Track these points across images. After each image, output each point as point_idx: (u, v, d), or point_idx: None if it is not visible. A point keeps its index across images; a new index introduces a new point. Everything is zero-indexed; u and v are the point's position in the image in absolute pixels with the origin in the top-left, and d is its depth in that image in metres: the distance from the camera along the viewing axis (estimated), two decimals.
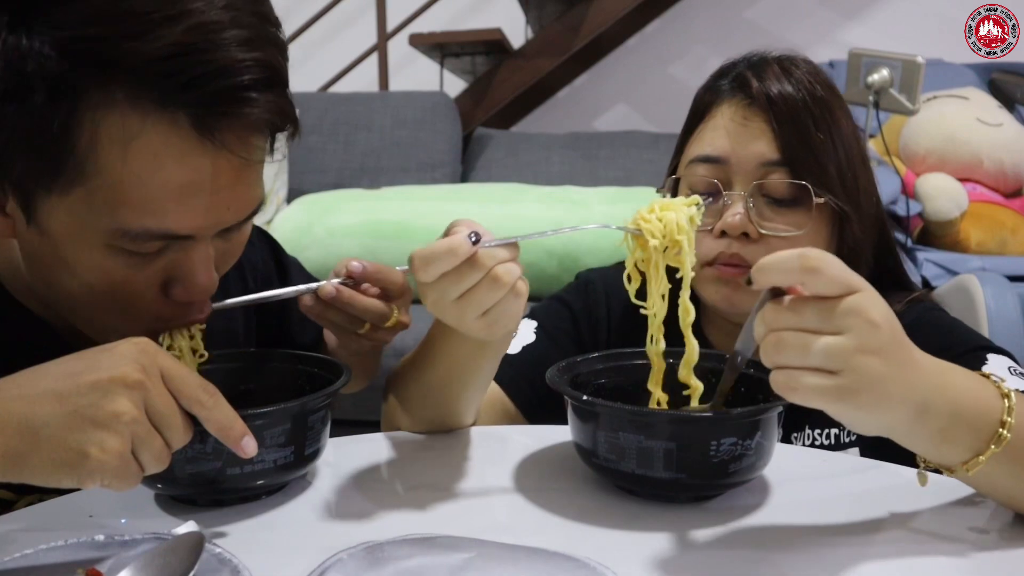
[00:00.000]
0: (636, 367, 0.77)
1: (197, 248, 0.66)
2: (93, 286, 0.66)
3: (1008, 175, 2.20)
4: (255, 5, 0.63)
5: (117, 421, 0.53)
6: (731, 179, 0.89)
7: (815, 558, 0.60)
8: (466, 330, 0.67)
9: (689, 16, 3.35)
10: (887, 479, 0.73)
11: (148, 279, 0.66)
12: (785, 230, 0.87)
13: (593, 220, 2.25)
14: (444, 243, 0.62)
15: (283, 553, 0.60)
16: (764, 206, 0.88)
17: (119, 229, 0.62)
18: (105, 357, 0.56)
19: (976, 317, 1.74)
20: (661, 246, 0.68)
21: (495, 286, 0.64)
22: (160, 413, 0.56)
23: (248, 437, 0.59)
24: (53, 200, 0.62)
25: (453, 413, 0.82)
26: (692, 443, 0.64)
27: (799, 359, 0.54)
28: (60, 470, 0.53)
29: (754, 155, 0.88)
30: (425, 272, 0.62)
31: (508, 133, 3.03)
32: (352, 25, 3.43)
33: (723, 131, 0.90)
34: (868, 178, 0.93)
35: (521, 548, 0.57)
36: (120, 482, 0.55)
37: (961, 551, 0.61)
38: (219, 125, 0.61)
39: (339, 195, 2.40)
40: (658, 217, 0.69)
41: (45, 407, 0.54)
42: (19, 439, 0.53)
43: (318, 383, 0.74)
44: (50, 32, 0.57)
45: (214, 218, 0.65)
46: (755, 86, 0.89)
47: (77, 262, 0.64)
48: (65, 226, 0.63)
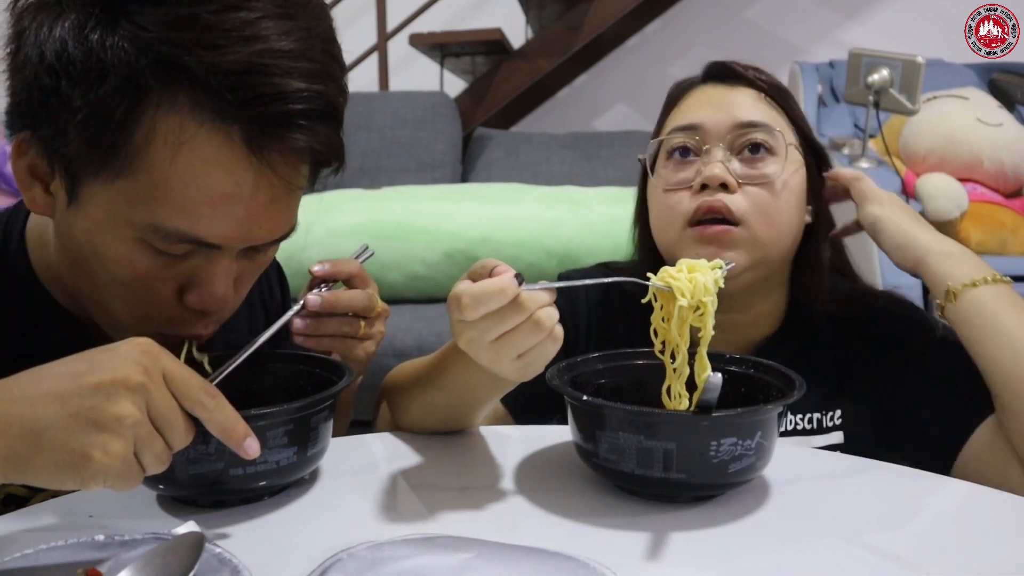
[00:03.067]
0: (636, 367, 0.77)
1: (221, 260, 0.68)
2: (116, 277, 0.68)
3: (1008, 175, 2.20)
4: (326, 44, 0.67)
5: (120, 424, 0.53)
6: (707, 141, 0.93)
7: (815, 558, 0.60)
8: (498, 370, 0.66)
9: (689, 16, 3.35)
10: (887, 479, 0.73)
11: (169, 280, 0.68)
12: (761, 179, 0.91)
13: (593, 219, 2.25)
14: (494, 283, 0.61)
15: (283, 553, 0.60)
16: (739, 162, 0.92)
17: (152, 225, 0.64)
18: (108, 358, 0.56)
19: None
20: (690, 306, 0.70)
21: (536, 330, 0.64)
22: (162, 415, 0.56)
23: (251, 438, 0.59)
24: (97, 186, 0.64)
25: (456, 427, 0.84)
26: (692, 443, 0.64)
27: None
28: (62, 472, 0.53)
29: (728, 119, 0.93)
30: (474, 311, 0.61)
31: (508, 133, 3.03)
32: (352, 25, 3.43)
33: (696, 106, 0.96)
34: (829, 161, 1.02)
35: (521, 548, 0.57)
36: (122, 484, 0.55)
37: (961, 551, 0.61)
38: (269, 145, 0.63)
39: (339, 195, 2.39)
40: (688, 278, 0.70)
41: (47, 409, 0.54)
42: (21, 441, 0.53)
43: (320, 384, 0.74)
44: (132, 31, 0.60)
45: (245, 232, 0.67)
46: (734, 67, 0.96)
47: (107, 251, 0.67)
48: (103, 213, 0.65)
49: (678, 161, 0.94)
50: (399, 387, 0.87)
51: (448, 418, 0.83)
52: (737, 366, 0.76)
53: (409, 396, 0.84)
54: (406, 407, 0.84)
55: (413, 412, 0.84)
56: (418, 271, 2.23)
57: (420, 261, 2.22)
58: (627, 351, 0.78)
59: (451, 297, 0.64)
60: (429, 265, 2.22)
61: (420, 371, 0.84)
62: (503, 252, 2.14)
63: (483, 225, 2.21)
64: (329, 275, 0.81)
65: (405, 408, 0.85)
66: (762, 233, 0.90)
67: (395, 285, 2.24)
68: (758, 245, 0.90)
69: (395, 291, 2.25)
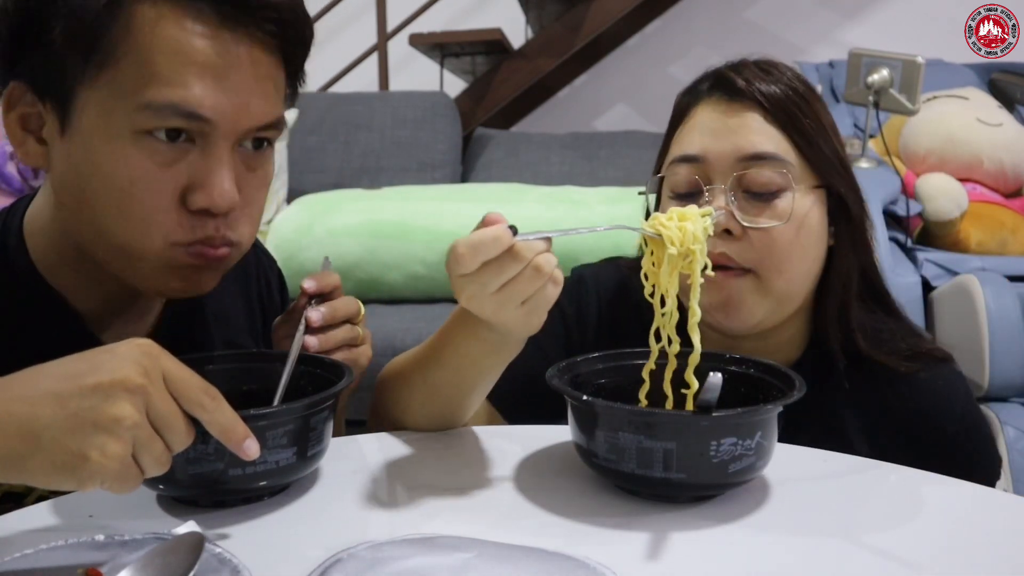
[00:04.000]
0: (636, 367, 0.77)
1: (219, 152, 0.70)
2: (115, 186, 0.68)
3: (1008, 175, 2.20)
4: None
5: (118, 425, 0.53)
6: (710, 177, 0.87)
7: (815, 558, 0.60)
8: (502, 320, 0.67)
9: (689, 16, 3.35)
10: (887, 479, 0.73)
11: (168, 181, 0.69)
12: (767, 223, 0.85)
13: (593, 220, 2.25)
14: (488, 231, 0.62)
15: (283, 553, 0.60)
16: (745, 201, 0.86)
17: (144, 104, 0.66)
18: (107, 359, 0.56)
19: (976, 317, 1.74)
20: (680, 253, 0.70)
21: (536, 275, 0.65)
22: (161, 416, 0.55)
23: (250, 439, 0.59)
24: (87, 94, 0.67)
25: (457, 411, 0.82)
26: (692, 443, 0.64)
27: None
28: (60, 473, 0.53)
29: (732, 150, 0.86)
30: (472, 259, 0.62)
31: (508, 133, 3.03)
32: (352, 25, 3.43)
33: (700, 131, 0.89)
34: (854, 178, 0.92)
35: (521, 548, 0.57)
36: (120, 485, 0.55)
37: (961, 551, 0.61)
38: (242, 20, 0.68)
39: (339, 195, 2.39)
40: (678, 226, 0.71)
41: (46, 409, 0.53)
42: (19, 441, 0.53)
43: (319, 384, 0.74)
44: None
45: (234, 107, 0.69)
46: (738, 82, 0.88)
47: (105, 160, 0.68)
48: (96, 118, 0.68)
49: (679, 201, 0.89)
50: (398, 375, 0.86)
51: (450, 400, 0.81)
52: (737, 366, 0.76)
53: (410, 383, 0.83)
54: (408, 394, 0.83)
55: (416, 399, 0.83)
56: (418, 271, 2.23)
57: (420, 261, 2.22)
58: (627, 351, 0.78)
59: (448, 253, 0.64)
60: (429, 265, 2.22)
61: (419, 355, 0.83)
62: None
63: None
64: (319, 290, 0.82)
65: (407, 396, 0.84)
66: (773, 280, 0.85)
67: (395, 285, 2.24)
68: (770, 293, 0.85)
69: (395, 291, 2.26)
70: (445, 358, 0.78)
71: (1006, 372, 1.72)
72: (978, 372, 1.72)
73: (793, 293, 0.87)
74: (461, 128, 2.91)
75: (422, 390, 0.82)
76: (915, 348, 0.90)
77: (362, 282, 2.23)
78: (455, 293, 0.67)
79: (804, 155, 0.87)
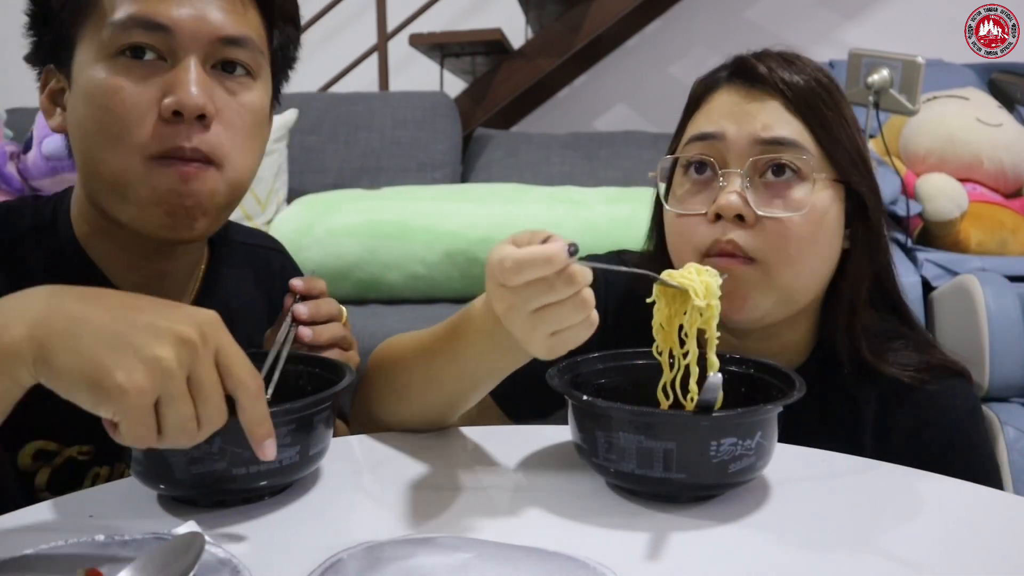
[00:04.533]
0: (636, 367, 0.77)
1: (185, 60, 0.74)
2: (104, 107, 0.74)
3: (1008, 175, 2.20)
4: None
5: (156, 363, 0.53)
6: (726, 159, 0.84)
7: (815, 558, 0.60)
8: (528, 342, 0.64)
9: (689, 16, 3.35)
10: (887, 479, 0.73)
11: (143, 94, 0.74)
12: (783, 212, 0.82)
13: (593, 219, 2.25)
14: (544, 250, 0.59)
15: (283, 553, 0.60)
16: (762, 187, 0.83)
17: (111, 23, 0.73)
18: (171, 309, 0.57)
19: (976, 317, 1.74)
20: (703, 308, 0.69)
21: (581, 307, 0.62)
22: (201, 383, 0.55)
23: (271, 440, 0.59)
24: (83, 42, 0.76)
25: (455, 406, 0.81)
26: (692, 443, 0.64)
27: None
28: (82, 380, 0.53)
29: (749, 132, 0.84)
30: (517, 275, 0.59)
31: (508, 133, 3.03)
32: (352, 25, 3.43)
33: (718, 112, 0.86)
34: (875, 180, 0.90)
35: (521, 548, 0.57)
36: (130, 425, 0.54)
37: (962, 551, 0.61)
38: None
39: (339, 195, 2.39)
40: (702, 281, 0.70)
41: (97, 316, 0.54)
42: (59, 335, 0.54)
43: (318, 383, 0.74)
44: None
45: (190, 13, 0.74)
46: (759, 68, 0.86)
47: (95, 88, 0.74)
48: (86, 56, 0.75)
49: (695, 180, 0.86)
50: (397, 360, 0.83)
51: (449, 394, 0.79)
52: (737, 366, 0.76)
53: (410, 369, 0.81)
54: (406, 380, 0.81)
55: (414, 386, 0.80)
56: (418, 271, 2.23)
57: (420, 261, 2.22)
58: (627, 351, 0.78)
59: (493, 259, 0.62)
60: (429, 265, 2.22)
61: (425, 343, 0.80)
62: None
63: (483, 225, 2.21)
64: (306, 291, 0.85)
65: (404, 382, 0.81)
66: (780, 273, 0.82)
67: (395, 285, 2.24)
68: (776, 287, 0.83)
69: (395, 291, 2.26)
70: (456, 353, 0.76)
71: (1006, 372, 1.72)
72: (978, 372, 1.72)
73: (800, 289, 0.85)
74: (461, 128, 2.91)
75: (423, 379, 0.79)
76: (926, 359, 0.87)
77: (362, 282, 2.23)
78: (491, 300, 0.65)
79: (824, 147, 0.84)
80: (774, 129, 0.84)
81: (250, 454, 0.59)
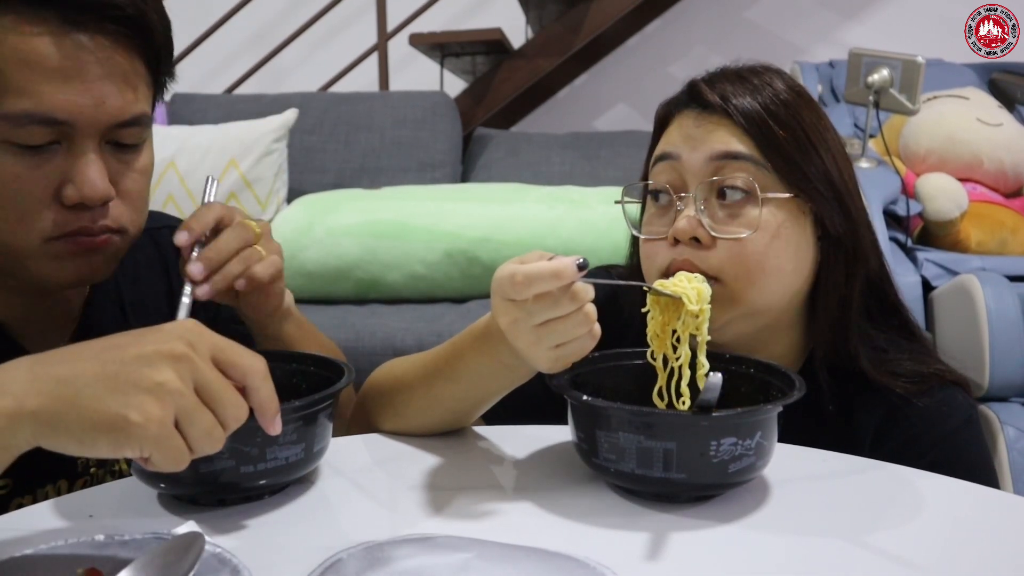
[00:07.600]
0: (636, 367, 0.77)
1: (84, 150, 0.73)
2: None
3: (1008, 175, 2.20)
4: None
5: (160, 388, 0.53)
6: (685, 180, 0.86)
7: (815, 558, 0.60)
8: (532, 356, 0.67)
9: (689, 16, 3.35)
10: (887, 479, 0.73)
11: (40, 180, 0.72)
12: (736, 232, 0.83)
13: (593, 219, 2.25)
14: (552, 265, 0.62)
15: (283, 553, 0.60)
16: (717, 208, 0.84)
17: (5, 116, 0.70)
18: (151, 334, 0.56)
19: (976, 317, 1.74)
20: (696, 312, 0.73)
21: (584, 322, 0.65)
22: (209, 387, 0.55)
23: (279, 416, 0.60)
24: None
25: (447, 428, 0.82)
26: (692, 443, 0.64)
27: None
28: (98, 432, 0.53)
29: (703, 151, 0.84)
30: (526, 289, 0.62)
31: (508, 133, 3.03)
32: (352, 25, 3.43)
33: (676, 135, 0.88)
34: (855, 190, 0.88)
35: (521, 548, 0.57)
36: (163, 454, 0.54)
37: (961, 551, 0.61)
38: (82, 19, 0.70)
39: (339, 195, 2.39)
40: (695, 287, 0.74)
41: (87, 368, 0.54)
42: (56, 399, 0.53)
43: (314, 381, 0.74)
44: None
45: (90, 105, 0.71)
46: (708, 96, 0.86)
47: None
48: None
49: (658, 205, 0.88)
50: (396, 381, 0.84)
51: (449, 413, 0.81)
52: (737, 366, 0.76)
53: (411, 390, 0.82)
54: (406, 401, 0.82)
55: (414, 407, 0.81)
56: (418, 271, 2.23)
57: (420, 261, 2.22)
58: (627, 351, 0.78)
59: (502, 275, 0.64)
60: (429, 265, 2.22)
61: (426, 364, 0.81)
62: (503, 252, 2.14)
63: (483, 225, 2.21)
64: (197, 236, 0.77)
65: (404, 403, 0.82)
66: (740, 290, 0.83)
67: (395, 285, 2.24)
68: (739, 303, 0.83)
69: (395, 291, 2.26)
70: (453, 372, 0.77)
71: (1006, 372, 1.72)
72: (978, 372, 1.72)
73: (768, 305, 0.85)
74: (461, 128, 2.91)
75: (424, 400, 0.81)
76: (920, 370, 0.86)
77: (362, 282, 2.23)
78: (497, 314, 0.67)
79: (776, 165, 0.84)
80: (726, 144, 0.84)
81: (257, 451, 0.59)
